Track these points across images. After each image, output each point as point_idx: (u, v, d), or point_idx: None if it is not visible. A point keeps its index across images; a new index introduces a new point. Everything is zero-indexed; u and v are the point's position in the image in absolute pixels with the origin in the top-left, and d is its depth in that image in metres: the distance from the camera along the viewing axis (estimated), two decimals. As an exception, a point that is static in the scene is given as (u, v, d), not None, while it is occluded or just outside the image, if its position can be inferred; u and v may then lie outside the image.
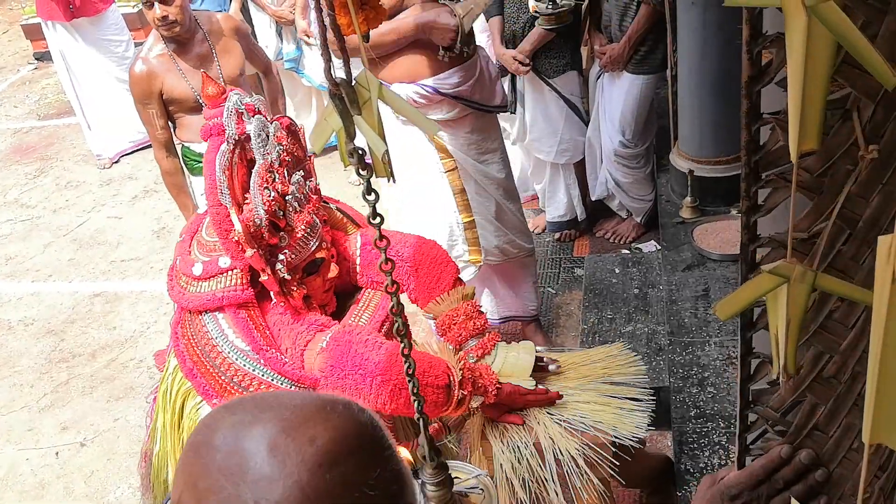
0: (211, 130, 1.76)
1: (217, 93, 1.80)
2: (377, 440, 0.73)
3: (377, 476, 0.69)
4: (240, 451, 0.68)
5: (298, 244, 1.77)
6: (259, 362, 1.78)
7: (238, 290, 1.78)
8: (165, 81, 3.16)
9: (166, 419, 1.97)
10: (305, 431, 0.68)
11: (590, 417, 1.94)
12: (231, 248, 1.73)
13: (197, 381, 1.84)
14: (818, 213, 0.80)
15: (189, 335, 1.86)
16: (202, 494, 0.67)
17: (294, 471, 0.66)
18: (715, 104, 3.08)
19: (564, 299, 3.79)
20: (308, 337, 1.75)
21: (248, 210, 1.68)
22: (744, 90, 0.79)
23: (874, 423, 0.64)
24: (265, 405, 0.72)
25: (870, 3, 0.72)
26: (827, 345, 0.88)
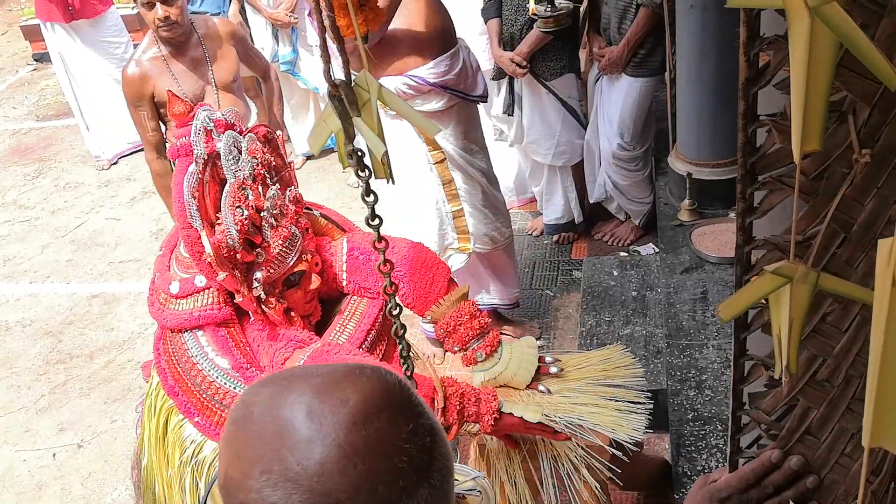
0: (179, 151, 1.70)
1: (184, 111, 1.73)
2: (407, 397, 0.77)
3: (410, 430, 0.73)
4: (277, 419, 0.72)
5: (275, 260, 1.71)
6: (239, 381, 1.75)
7: (215, 310, 1.75)
8: (157, 84, 3.16)
9: (151, 434, 1.96)
10: (336, 394, 0.73)
11: (587, 420, 1.94)
12: (205, 269, 1.69)
13: (178, 398, 1.83)
14: (814, 215, 0.80)
15: (170, 352, 1.84)
16: (247, 464, 0.72)
17: (331, 431, 0.70)
18: (713, 107, 3.08)
19: (562, 302, 3.79)
20: (286, 354, 1.72)
21: (220, 231, 1.63)
22: (741, 92, 0.79)
23: (874, 426, 0.64)
24: (294, 377, 0.77)
25: (867, 6, 0.72)
26: (820, 348, 0.88)
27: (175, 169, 1.70)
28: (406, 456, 0.72)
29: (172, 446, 1.89)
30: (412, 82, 2.83)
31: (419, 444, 0.73)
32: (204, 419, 1.80)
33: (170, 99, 1.80)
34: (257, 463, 0.71)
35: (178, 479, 1.89)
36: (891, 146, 0.75)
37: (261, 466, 0.71)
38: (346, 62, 1.05)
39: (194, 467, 1.85)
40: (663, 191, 3.53)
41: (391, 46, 2.76)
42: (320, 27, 1.05)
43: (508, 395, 1.91)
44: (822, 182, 0.81)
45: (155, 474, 1.99)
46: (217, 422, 1.79)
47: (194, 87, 3.20)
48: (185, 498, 1.88)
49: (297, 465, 0.69)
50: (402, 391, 0.77)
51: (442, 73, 2.86)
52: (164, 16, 3.05)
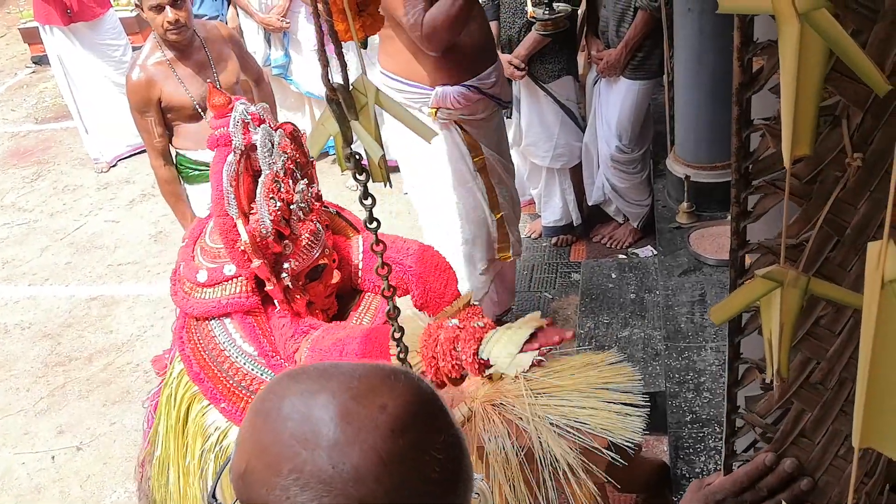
0: (218, 141, 1.78)
1: (223, 103, 1.81)
2: (439, 407, 0.76)
3: (443, 441, 0.73)
4: (311, 418, 0.70)
5: (302, 252, 1.78)
6: (265, 367, 1.81)
7: (243, 298, 1.81)
8: (164, 89, 3.15)
9: (169, 424, 1.97)
10: (375, 399, 0.71)
11: (585, 422, 1.94)
12: (237, 257, 1.75)
13: (204, 385, 1.86)
14: (807, 219, 0.81)
15: (195, 340, 1.87)
16: (274, 460, 0.70)
17: (369, 436, 0.69)
18: (711, 109, 3.09)
19: (561, 304, 3.79)
20: (295, 346, 1.78)
21: (255, 220, 1.70)
22: (734, 97, 0.79)
23: (864, 428, 0.65)
24: (329, 375, 0.75)
25: (859, 12, 0.73)
26: (814, 351, 0.88)
27: (213, 159, 1.76)
28: (438, 466, 0.71)
29: (193, 435, 1.92)
30: (468, 92, 2.85)
31: (450, 456, 0.73)
32: (230, 405, 1.84)
33: (210, 91, 1.86)
34: (287, 461, 0.69)
35: (199, 467, 1.91)
36: (883, 150, 0.76)
37: (290, 465, 0.69)
38: (344, 66, 1.06)
39: (218, 454, 1.88)
40: (661, 193, 3.54)
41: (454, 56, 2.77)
42: (319, 32, 1.06)
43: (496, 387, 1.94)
44: (816, 186, 0.81)
45: (170, 464, 2.00)
46: (243, 408, 1.83)
47: (200, 90, 3.20)
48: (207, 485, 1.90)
49: (331, 467, 0.68)
50: (435, 400, 0.76)
51: (492, 83, 2.90)
52: (174, 19, 3.05)
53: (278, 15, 4.73)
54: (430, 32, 2.60)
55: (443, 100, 2.80)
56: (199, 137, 3.23)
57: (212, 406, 1.88)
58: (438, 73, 2.78)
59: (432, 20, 2.58)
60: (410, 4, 2.56)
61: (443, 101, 2.80)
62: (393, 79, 2.82)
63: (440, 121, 2.85)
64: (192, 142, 3.24)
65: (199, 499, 1.95)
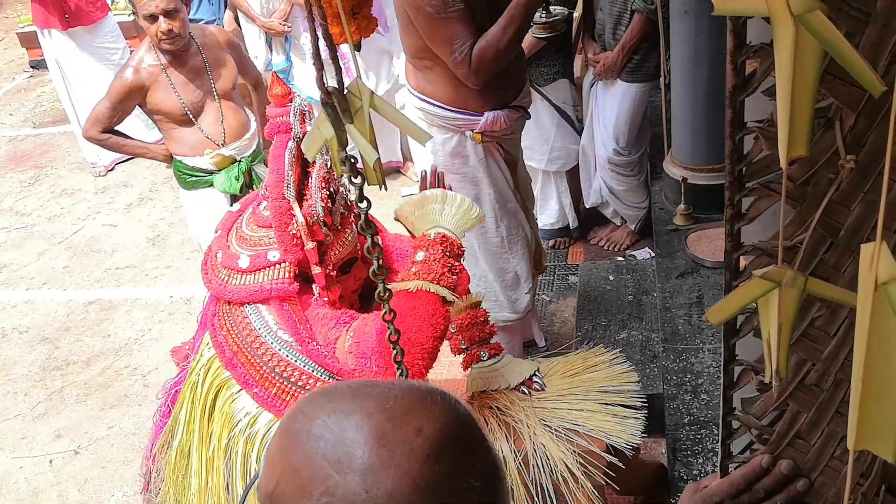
0: (278, 128, 1.84)
1: (283, 92, 1.86)
2: (476, 431, 0.73)
3: (479, 468, 0.70)
4: (345, 439, 0.67)
5: (340, 242, 1.86)
6: (302, 353, 1.84)
7: (286, 283, 1.84)
8: (154, 93, 3.15)
9: (194, 412, 1.99)
10: (411, 422, 0.68)
11: (583, 424, 1.95)
12: (286, 241, 1.81)
13: (237, 370, 1.89)
14: (801, 221, 0.81)
15: (228, 326, 1.90)
16: (305, 482, 0.67)
17: (403, 461, 0.66)
18: (708, 112, 3.09)
19: (558, 307, 3.79)
20: (337, 333, 1.82)
21: (307, 205, 1.77)
22: (728, 100, 0.79)
23: (858, 429, 0.65)
24: (363, 394, 0.71)
25: (852, 15, 0.73)
26: (809, 352, 0.88)
27: (273, 144, 1.83)
28: (475, 494, 0.69)
29: (221, 423, 1.93)
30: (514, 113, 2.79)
31: (487, 483, 0.70)
32: (262, 390, 1.86)
33: (273, 79, 1.91)
34: (319, 483, 0.66)
35: (225, 453, 1.92)
36: (876, 152, 0.76)
37: (322, 487, 0.66)
38: (339, 70, 1.06)
39: (247, 439, 1.89)
40: (659, 195, 3.54)
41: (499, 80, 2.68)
42: (313, 35, 1.06)
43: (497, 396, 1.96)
44: (810, 188, 0.81)
45: (192, 452, 2.01)
46: (275, 394, 1.85)
47: (193, 96, 3.19)
48: (235, 472, 1.91)
49: (364, 492, 0.65)
50: (472, 423, 0.73)
51: (527, 100, 2.87)
52: (168, 29, 3.04)
53: (280, 19, 4.73)
54: (478, 68, 2.52)
55: (493, 123, 2.71)
56: (194, 144, 3.23)
57: (242, 392, 1.90)
58: (488, 98, 2.69)
59: (481, 54, 2.50)
60: (459, 41, 2.47)
61: (493, 124, 2.71)
62: (436, 105, 2.72)
63: (485, 143, 2.77)
64: (189, 147, 3.24)
65: (223, 489, 1.95)
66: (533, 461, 1.90)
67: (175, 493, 2.07)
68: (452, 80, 2.61)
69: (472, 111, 2.69)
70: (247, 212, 1.95)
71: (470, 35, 2.47)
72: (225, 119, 3.24)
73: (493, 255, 2.93)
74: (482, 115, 2.69)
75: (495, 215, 2.86)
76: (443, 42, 2.49)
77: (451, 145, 2.73)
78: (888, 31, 0.73)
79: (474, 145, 2.75)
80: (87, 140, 3.33)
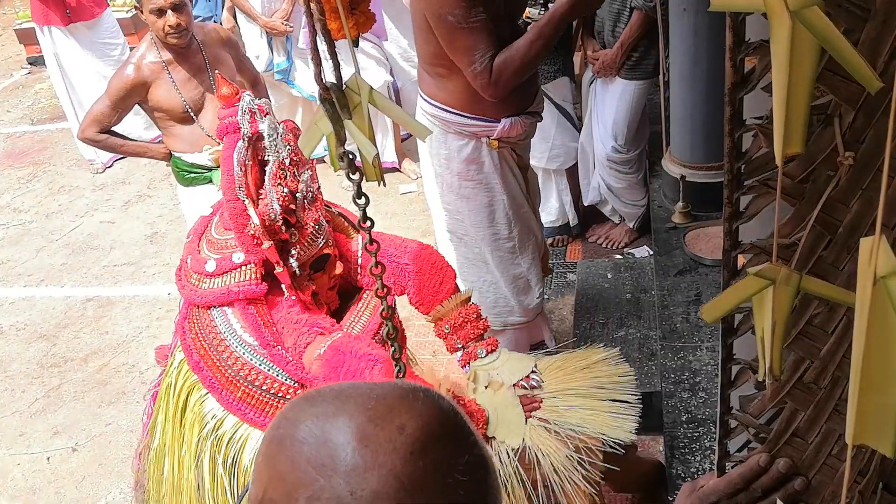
0: (227, 128, 1.83)
1: (231, 93, 1.87)
2: (461, 425, 0.73)
3: (466, 461, 0.70)
4: (328, 442, 0.67)
5: (308, 240, 1.85)
6: (266, 357, 1.84)
7: (252, 285, 1.85)
8: (154, 90, 3.14)
9: (168, 413, 2.00)
10: (393, 420, 0.68)
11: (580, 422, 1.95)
12: (246, 242, 1.81)
13: (203, 374, 1.90)
14: (799, 218, 0.81)
15: (196, 329, 1.91)
16: (291, 488, 0.67)
17: (387, 460, 0.66)
18: (706, 110, 3.09)
19: (557, 304, 3.80)
20: (308, 339, 1.80)
21: (264, 205, 1.77)
22: (726, 97, 0.79)
23: (857, 424, 0.65)
24: (345, 396, 0.72)
25: (851, 11, 0.73)
26: (807, 350, 0.88)
27: (223, 146, 1.83)
28: (462, 489, 0.68)
29: (190, 424, 1.95)
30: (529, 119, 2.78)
31: (474, 477, 0.70)
32: (228, 394, 1.87)
33: (218, 81, 1.92)
34: (304, 488, 0.66)
35: (195, 455, 1.94)
36: (875, 148, 0.76)
37: (308, 492, 0.66)
38: (337, 65, 1.06)
39: (214, 441, 1.90)
40: (657, 193, 3.54)
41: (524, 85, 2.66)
42: (311, 31, 1.06)
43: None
44: (808, 185, 0.81)
45: (166, 454, 2.02)
46: (240, 397, 1.86)
47: (194, 93, 3.19)
48: (203, 473, 1.92)
49: (349, 494, 0.65)
50: (456, 419, 0.73)
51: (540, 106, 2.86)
52: (176, 23, 3.02)
53: (282, 19, 4.72)
54: (497, 80, 2.47)
55: (511, 129, 2.69)
56: (193, 141, 3.22)
57: (210, 394, 1.91)
58: (506, 105, 2.66)
59: (503, 67, 2.45)
60: (479, 52, 2.42)
61: (511, 130, 2.69)
62: (452, 112, 2.68)
63: (501, 149, 2.75)
64: (187, 144, 3.24)
65: (194, 489, 1.95)
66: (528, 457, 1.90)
67: (155, 492, 2.08)
68: (469, 87, 2.56)
69: (490, 118, 2.67)
70: (216, 216, 1.96)
71: (491, 46, 2.43)
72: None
73: (504, 262, 2.92)
74: (499, 121, 2.66)
75: (509, 221, 2.85)
76: (464, 52, 2.44)
77: (466, 152, 2.71)
78: (887, 28, 0.73)
79: (490, 151, 2.72)
80: (83, 141, 3.31)
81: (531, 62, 2.51)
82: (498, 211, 2.81)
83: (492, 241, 2.87)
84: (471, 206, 2.81)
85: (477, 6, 2.35)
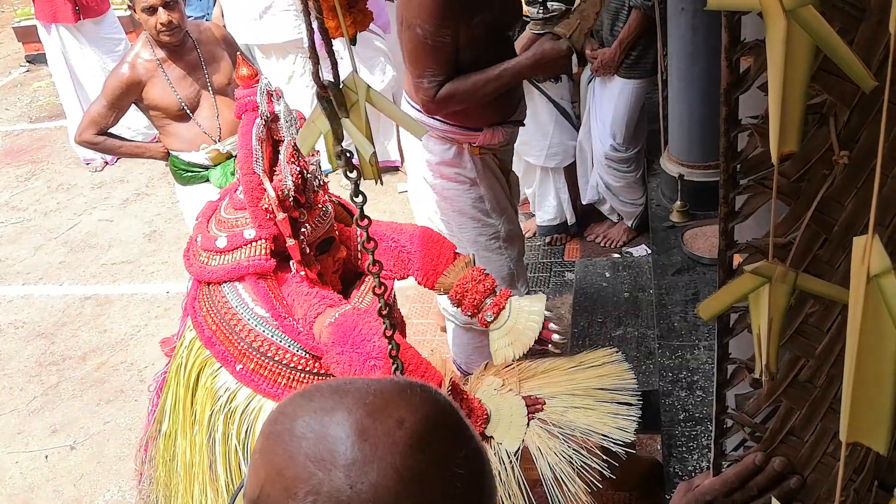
0: (246, 107, 1.89)
1: (250, 74, 1.92)
2: (458, 420, 0.74)
3: (464, 455, 0.70)
4: (327, 437, 0.68)
5: (316, 221, 1.91)
6: (278, 329, 1.88)
7: (262, 259, 1.89)
8: (150, 89, 3.14)
9: (178, 394, 2.03)
10: (391, 414, 0.69)
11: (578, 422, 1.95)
12: (259, 216, 1.86)
13: (216, 348, 1.93)
14: (795, 217, 0.81)
15: (208, 306, 1.95)
16: (290, 483, 0.67)
17: (387, 454, 0.66)
18: (704, 109, 3.09)
19: (555, 303, 3.80)
20: (319, 310, 1.85)
21: (278, 180, 1.82)
22: (722, 97, 0.79)
23: (851, 422, 0.65)
24: (343, 391, 0.72)
25: (846, 11, 0.73)
26: (802, 349, 0.88)
27: (242, 122, 1.88)
28: (460, 482, 0.69)
29: (202, 401, 1.97)
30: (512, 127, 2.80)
31: (472, 469, 0.71)
32: (242, 367, 1.91)
33: (239, 62, 1.96)
34: (303, 482, 0.66)
35: (207, 432, 1.96)
36: (869, 147, 0.77)
37: (307, 487, 0.66)
38: (335, 64, 1.06)
39: (227, 414, 1.93)
40: (655, 192, 3.54)
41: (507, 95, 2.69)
42: (309, 29, 1.06)
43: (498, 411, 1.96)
44: (804, 184, 0.81)
45: (177, 436, 2.05)
46: (253, 369, 1.90)
47: (189, 91, 3.19)
48: (216, 449, 1.95)
49: (349, 487, 0.65)
50: (453, 413, 0.74)
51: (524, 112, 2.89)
52: (167, 20, 3.03)
53: None
54: (441, 104, 2.51)
55: (492, 137, 2.71)
56: (190, 139, 3.22)
57: (222, 369, 1.94)
58: (488, 114, 2.68)
59: (449, 94, 2.48)
60: (431, 72, 2.44)
61: (492, 138, 2.71)
62: (433, 118, 2.69)
63: (482, 155, 2.77)
64: (184, 143, 3.24)
65: (206, 470, 1.97)
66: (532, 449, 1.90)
67: (165, 478, 2.09)
68: None
69: (470, 127, 2.68)
70: (225, 199, 2.01)
71: (444, 71, 2.45)
72: (220, 114, 3.24)
73: (491, 262, 2.93)
74: (481, 129, 2.68)
75: (493, 222, 2.87)
76: (418, 65, 2.46)
77: (448, 156, 2.73)
78: (882, 28, 0.73)
79: (472, 156, 2.75)
80: (81, 145, 3.30)
81: (479, 99, 2.54)
82: (481, 213, 2.83)
83: (475, 237, 2.88)
84: (454, 208, 2.84)
85: (446, 27, 2.36)
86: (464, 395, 1.88)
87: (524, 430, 1.94)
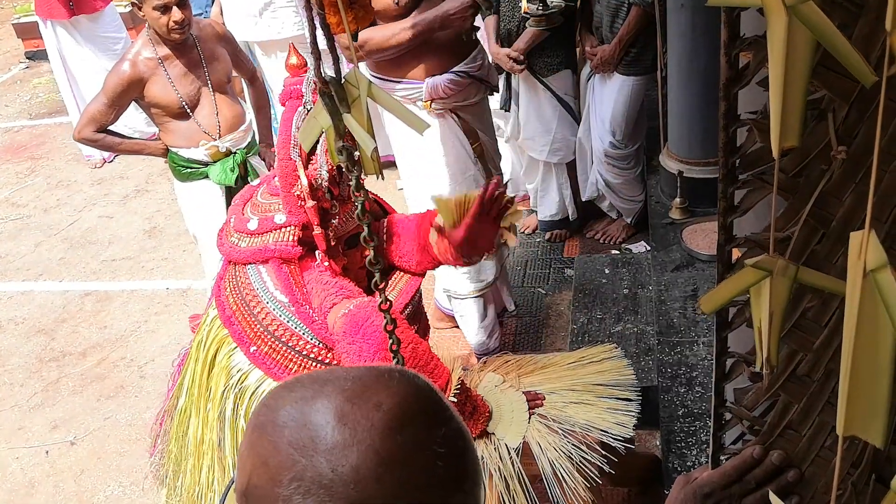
0: (291, 94, 1.92)
1: (300, 63, 1.95)
2: (437, 401, 0.75)
3: (443, 434, 0.72)
4: (308, 424, 0.69)
5: (347, 215, 1.92)
6: (294, 315, 1.90)
7: (289, 245, 1.91)
8: (151, 86, 3.14)
9: (197, 369, 2.06)
10: (370, 398, 0.70)
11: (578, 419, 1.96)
12: (291, 202, 1.88)
13: (234, 328, 1.97)
14: (793, 212, 0.82)
15: (232, 285, 1.99)
16: (275, 471, 0.68)
17: (366, 436, 0.68)
18: (704, 105, 3.09)
19: (554, 300, 3.81)
20: (335, 300, 1.86)
21: (313, 168, 1.84)
22: (721, 92, 0.80)
23: (847, 415, 0.66)
24: (323, 380, 0.73)
25: (845, 6, 0.74)
26: (800, 343, 0.89)
27: (285, 108, 1.92)
28: (441, 461, 0.70)
29: (217, 378, 2.01)
30: (458, 78, 2.88)
31: (453, 449, 0.72)
32: (255, 348, 1.94)
33: (291, 50, 1.97)
34: (287, 470, 0.68)
35: (218, 409, 1.99)
36: (868, 143, 0.77)
37: (291, 473, 0.67)
38: (336, 59, 1.06)
39: (238, 394, 1.96)
40: (655, 189, 3.55)
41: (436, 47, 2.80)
42: (311, 25, 1.06)
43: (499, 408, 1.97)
44: (802, 180, 0.82)
45: (192, 411, 2.08)
46: (266, 352, 1.93)
47: (190, 89, 3.19)
48: (225, 425, 1.98)
49: (331, 472, 0.67)
50: (432, 394, 0.75)
51: (479, 65, 2.94)
52: (181, 19, 3.03)
53: None
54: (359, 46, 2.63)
55: (434, 90, 2.82)
56: (190, 136, 3.23)
57: (238, 348, 1.97)
58: (426, 66, 2.80)
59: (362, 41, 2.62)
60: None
61: (434, 91, 2.82)
62: (384, 80, 2.84)
63: (436, 112, 2.87)
64: (184, 139, 3.24)
65: (215, 447, 2.01)
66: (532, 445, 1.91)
67: (177, 453, 2.14)
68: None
69: (414, 80, 2.74)
70: (263, 185, 2.05)
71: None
72: (220, 111, 3.24)
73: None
74: (423, 82, 2.77)
75: (453, 186, 2.93)
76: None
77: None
78: (879, 24, 0.73)
79: (427, 115, 2.81)
80: (80, 142, 3.29)
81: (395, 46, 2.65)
82: (441, 177, 2.89)
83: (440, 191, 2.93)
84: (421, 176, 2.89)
85: None
86: (469, 392, 1.89)
87: (525, 425, 1.95)
